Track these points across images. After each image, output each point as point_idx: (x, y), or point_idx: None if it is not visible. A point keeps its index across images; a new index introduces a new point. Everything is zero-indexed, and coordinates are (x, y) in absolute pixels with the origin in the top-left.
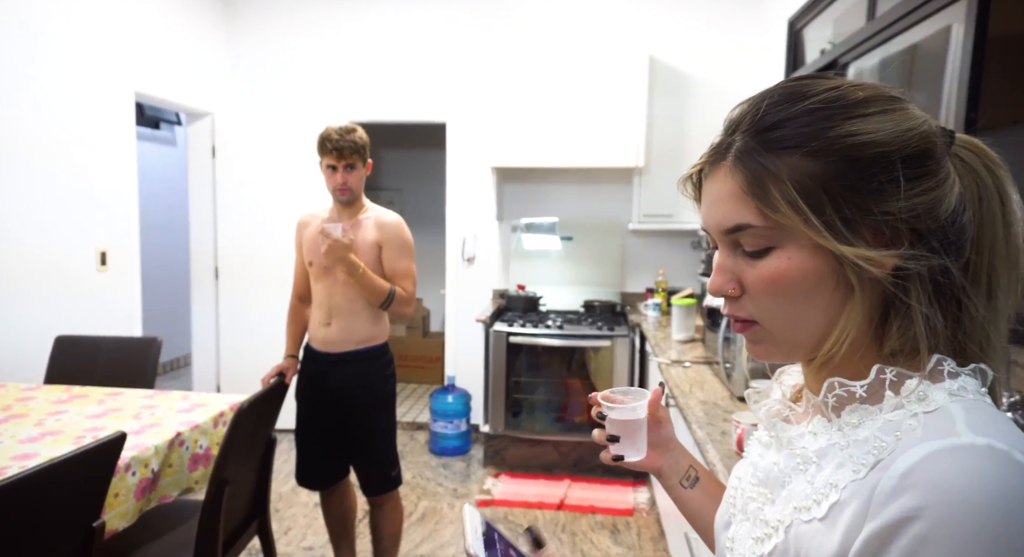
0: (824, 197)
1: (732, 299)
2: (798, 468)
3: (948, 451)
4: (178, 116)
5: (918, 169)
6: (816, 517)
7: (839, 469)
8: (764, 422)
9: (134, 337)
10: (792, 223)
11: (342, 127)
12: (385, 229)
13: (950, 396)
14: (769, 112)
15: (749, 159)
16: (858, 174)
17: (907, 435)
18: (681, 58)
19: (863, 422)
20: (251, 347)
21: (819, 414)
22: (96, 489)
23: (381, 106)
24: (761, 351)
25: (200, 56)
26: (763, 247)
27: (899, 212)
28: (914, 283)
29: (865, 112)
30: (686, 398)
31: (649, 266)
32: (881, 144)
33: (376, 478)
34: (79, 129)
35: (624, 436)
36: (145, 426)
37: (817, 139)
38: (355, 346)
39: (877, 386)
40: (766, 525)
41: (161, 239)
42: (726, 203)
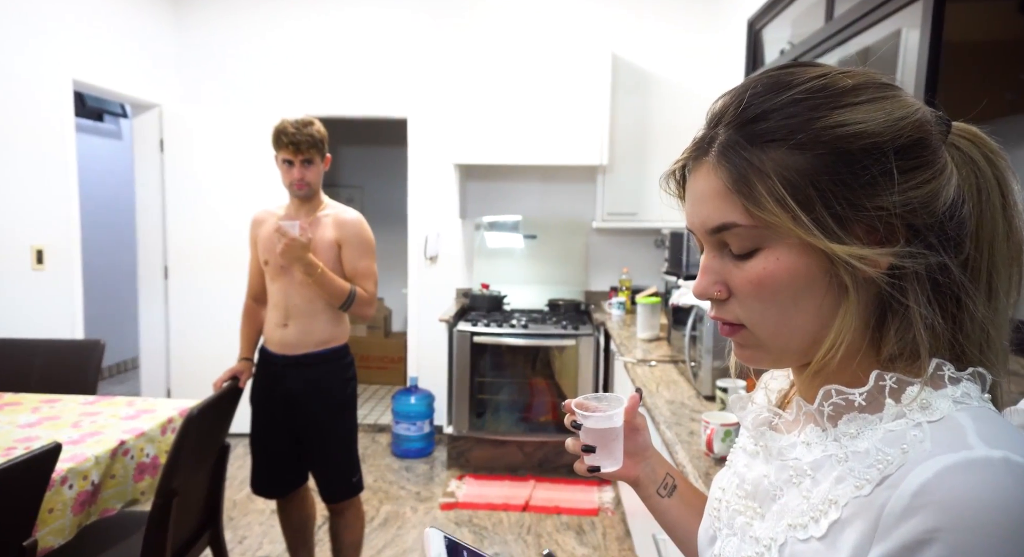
0: (813, 193)
1: (719, 302)
2: (791, 481)
3: (963, 466)
4: (123, 108)
5: (912, 160)
6: (814, 536)
7: (839, 484)
8: (751, 430)
9: (74, 340)
10: (780, 221)
11: (298, 120)
12: (345, 227)
13: (954, 404)
14: (753, 103)
15: (733, 154)
16: (848, 167)
17: (914, 448)
18: (644, 56)
19: (862, 432)
20: (203, 349)
21: (812, 423)
22: (27, 505)
23: (340, 100)
24: (749, 356)
25: (145, 44)
26: (750, 248)
27: (893, 207)
28: (911, 282)
29: (854, 101)
30: (653, 398)
31: (613, 264)
32: (872, 134)
33: (336, 484)
34: (9, 117)
35: (600, 446)
36: (85, 435)
37: (804, 131)
38: (313, 348)
39: (876, 393)
40: (757, 543)
41: (106, 237)
42: (710, 201)
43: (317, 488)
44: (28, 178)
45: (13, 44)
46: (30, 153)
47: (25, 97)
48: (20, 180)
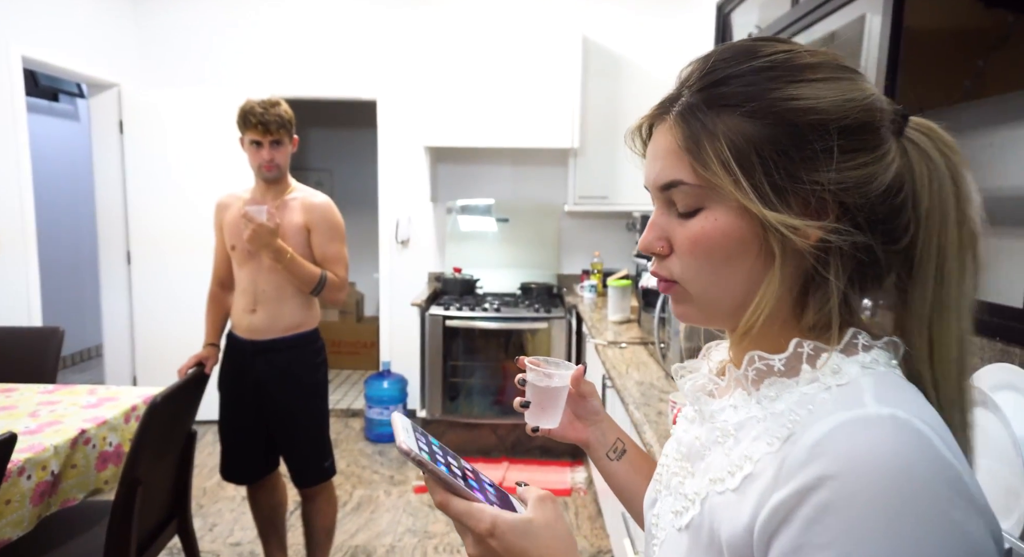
0: (756, 159)
1: (660, 258)
2: (717, 441)
3: (854, 421)
4: (80, 88)
5: (854, 141)
6: (729, 488)
7: (755, 442)
8: (689, 397)
9: (31, 327)
10: (721, 183)
11: (265, 100)
12: (313, 212)
13: (862, 369)
14: (717, 68)
15: (690, 115)
16: (792, 140)
17: (819, 408)
18: (614, 39)
19: (780, 395)
20: (170, 336)
21: (740, 388)
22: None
23: (307, 81)
24: (682, 312)
25: (102, 21)
26: (693, 206)
27: (828, 183)
28: (835, 258)
29: (811, 77)
30: (623, 379)
31: (585, 248)
32: (820, 111)
33: (308, 470)
34: None
35: (536, 402)
36: (43, 425)
37: (757, 100)
38: (282, 333)
39: (795, 359)
40: (684, 498)
41: (65, 221)
42: (663, 158)
43: (289, 473)
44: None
45: None
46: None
47: None
48: None
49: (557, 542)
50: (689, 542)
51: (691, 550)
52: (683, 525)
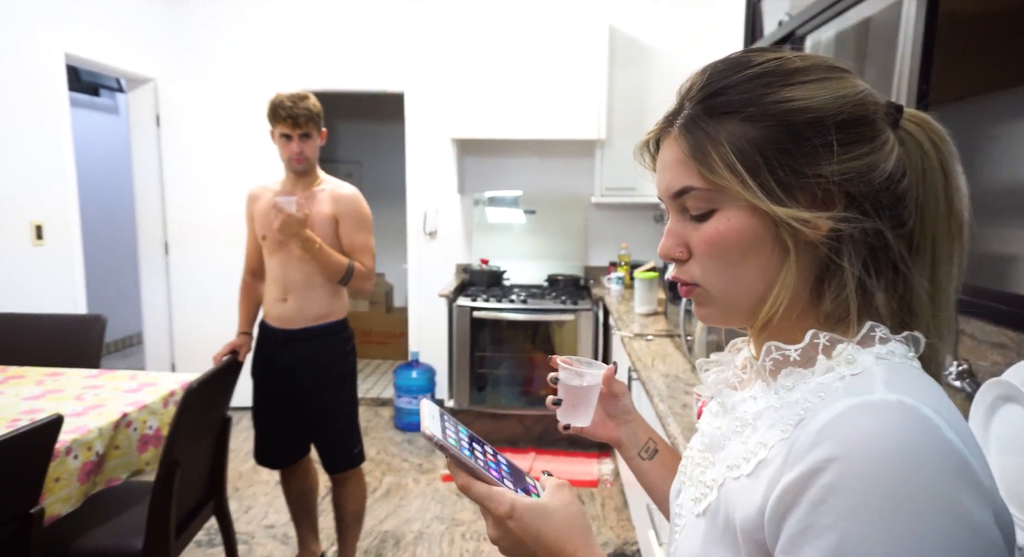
0: (759, 160)
1: (679, 263)
2: (736, 431)
3: (860, 406)
4: (119, 82)
5: (851, 134)
6: (744, 474)
7: (770, 429)
8: (712, 389)
9: (76, 315)
10: (730, 185)
11: (294, 94)
12: (341, 202)
13: (877, 359)
14: (714, 80)
15: (693, 126)
16: (792, 138)
17: (830, 395)
18: (642, 29)
19: (796, 385)
20: (206, 324)
21: (760, 379)
22: (32, 474)
23: (336, 74)
24: (704, 314)
25: (139, 18)
26: (706, 209)
27: (832, 175)
28: (847, 245)
29: (803, 80)
30: (648, 371)
31: (612, 240)
32: (815, 110)
33: (338, 456)
34: (4, 93)
35: (567, 401)
36: (88, 407)
37: (755, 104)
38: (312, 322)
39: (811, 350)
40: (703, 485)
41: (106, 212)
42: (672, 168)
43: (319, 459)
44: (24, 153)
45: (2, 17)
46: (25, 127)
47: (17, 71)
48: (16, 155)
49: (570, 523)
50: (706, 527)
51: (708, 534)
52: (700, 511)
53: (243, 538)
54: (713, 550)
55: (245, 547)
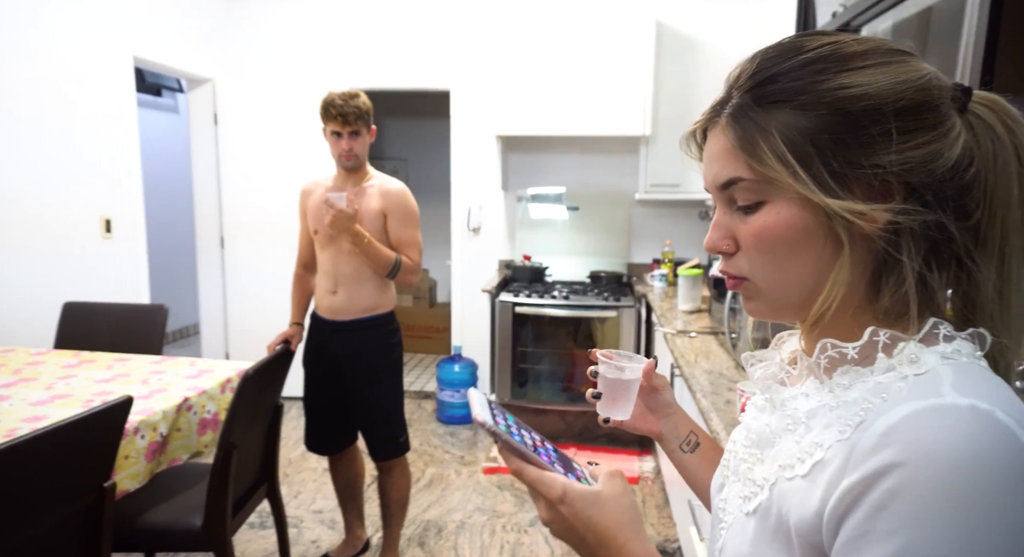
0: (812, 150)
1: (726, 256)
2: (787, 429)
3: (929, 411)
4: (179, 83)
5: (912, 122)
6: (799, 474)
7: (826, 429)
8: (759, 385)
9: (141, 304)
10: (780, 176)
11: (345, 92)
12: (390, 198)
13: (942, 359)
14: (764, 67)
15: (741, 115)
16: (848, 127)
17: (893, 396)
18: (689, 23)
19: (854, 384)
20: (259, 315)
21: (812, 376)
22: (105, 451)
23: (385, 73)
24: (752, 308)
25: (199, 21)
26: (754, 201)
27: (890, 165)
28: (906, 239)
29: (860, 65)
30: (691, 368)
31: (656, 237)
32: (873, 96)
33: (384, 444)
34: (79, 95)
35: (607, 394)
36: (153, 391)
37: (807, 92)
38: (360, 314)
39: (869, 348)
40: (753, 483)
41: (165, 207)
42: (720, 159)
43: (366, 447)
44: (96, 151)
45: (78, 23)
46: (97, 128)
47: (90, 74)
48: (89, 153)
49: (622, 513)
50: (757, 526)
51: (758, 534)
52: (751, 510)
53: (292, 522)
54: (764, 550)
55: (295, 530)
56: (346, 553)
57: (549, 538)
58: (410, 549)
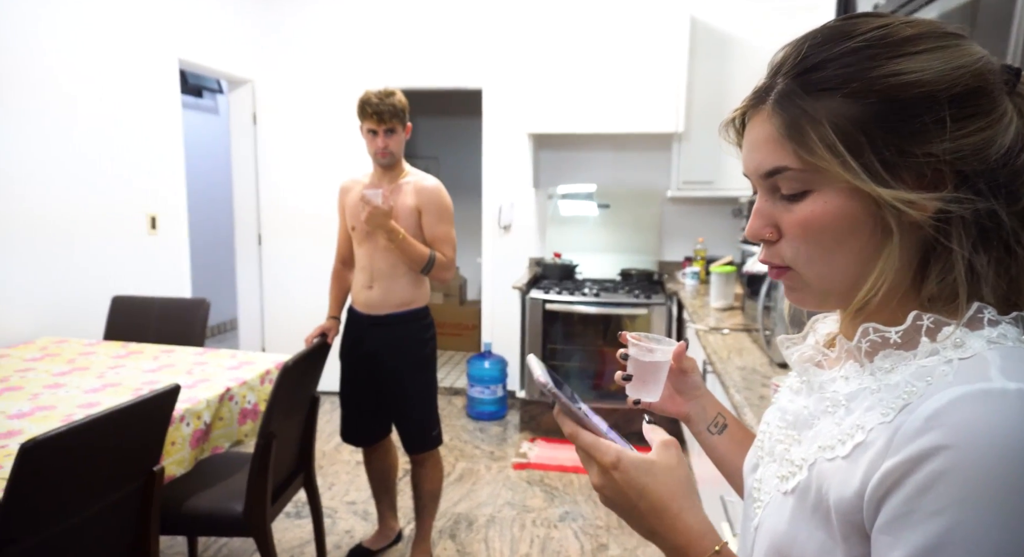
0: (863, 139)
1: (768, 244)
2: (826, 411)
3: (977, 395)
4: (219, 84)
5: (967, 108)
6: (839, 455)
7: (868, 412)
8: (796, 367)
9: (185, 298)
10: (829, 166)
11: (381, 91)
12: (424, 194)
13: (988, 343)
14: (811, 53)
15: (788, 102)
16: (900, 115)
17: (938, 380)
18: (724, 18)
19: (896, 367)
20: (294, 310)
21: (852, 359)
22: (155, 436)
23: (418, 72)
24: (797, 298)
25: (240, 23)
26: (800, 190)
27: (943, 153)
28: (956, 227)
29: (913, 50)
30: (724, 364)
31: (688, 234)
32: (926, 83)
33: (417, 437)
34: (128, 97)
35: (637, 376)
36: (197, 381)
37: (858, 80)
38: (395, 309)
39: (913, 332)
40: (791, 464)
41: (206, 205)
42: (764, 147)
43: (400, 439)
44: (143, 151)
45: (128, 29)
46: (144, 128)
47: (138, 77)
48: (137, 152)
49: (676, 484)
50: (795, 504)
51: (796, 512)
52: (788, 489)
53: (326, 512)
54: (802, 527)
55: (329, 521)
56: (379, 543)
57: (579, 533)
58: (441, 541)
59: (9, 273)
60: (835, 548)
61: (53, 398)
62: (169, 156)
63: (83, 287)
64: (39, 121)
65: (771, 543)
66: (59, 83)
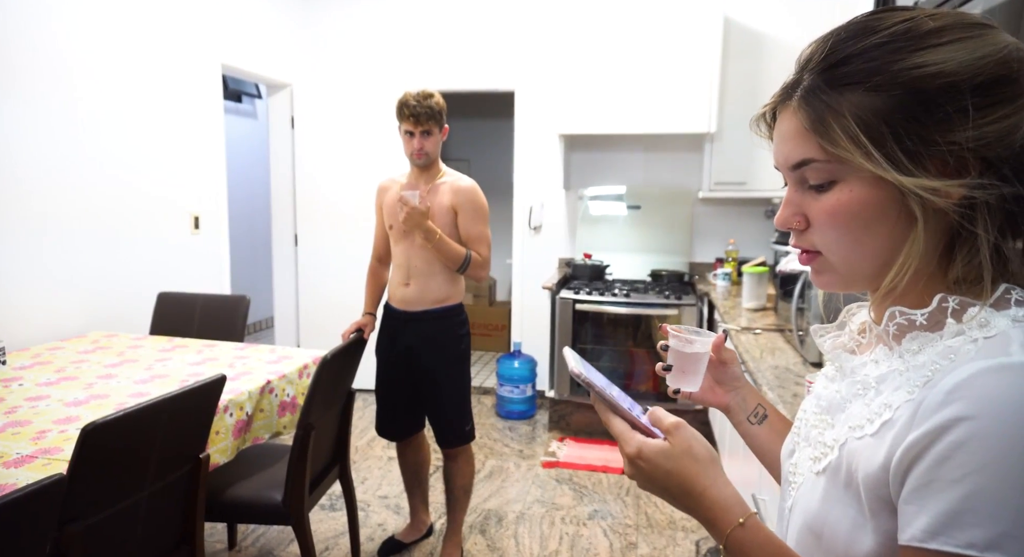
0: (885, 130)
1: (798, 232)
2: (857, 394)
3: (997, 368)
4: (258, 89)
5: (990, 96)
6: (868, 433)
7: (895, 391)
8: (828, 354)
9: (226, 295)
10: (852, 157)
11: (419, 92)
12: (461, 194)
13: (1013, 322)
14: (837, 49)
15: (813, 97)
16: (923, 106)
17: (962, 358)
18: (758, 17)
19: (923, 348)
20: (329, 309)
21: (881, 343)
22: (202, 423)
23: (452, 75)
24: (823, 281)
25: (280, 28)
26: (826, 180)
27: (966, 141)
28: (982, 212)
29: (936, 42)
30: (757, 363)
31: (719, 235)
32: (949, 74)
33: (450, 432)
34: (173, 102)
35: (677, 367)
36: (239, 374)
37: (881, 73)
38: (431, 305)
39: (939, 314)
40: (824, 445)
41: (244, 207)
42: (791, 140)
43: (433, 434)
44: (188, 153)
45: (173, 36)
46: (188, 133)
47: (183, 83)
48: (182, 155)
49: (695, 464)
50: (827, 483)
51: (828, 491)
52: (820, 469)
53: (360, 506)
54: (835, 505)
55: (362, 514)
56: (411, 536)
57: (608, 531)
58: (472, 536)
59: (62, 270)
60: (865, 524)
61: (106, 387)
62: (211, 159)
63: (131, 284)
64: (92, 128)
65: (804, 522)
66: (110, 90)
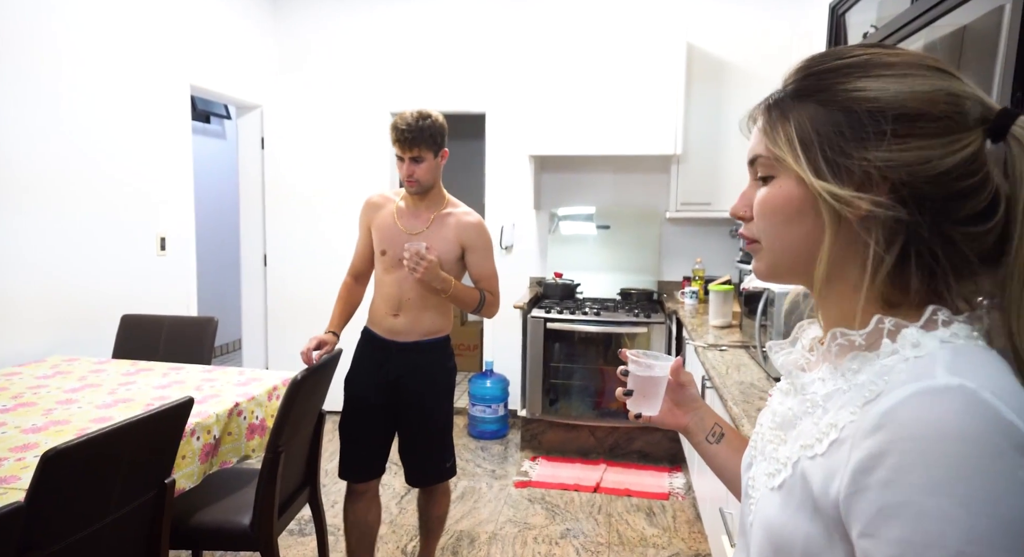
0: (815, 138)
1: (745, 221)
2: (807, 411)
3: (922, 392)
4: (227, 110)
5: (909, 127)
6: (818, 453)
7: (840, 410)
8: (783, 370)
9: (193, 317)
10: (784, 156)
11: (413, 113)
12: (470, 230)
13: (940, 343)
14: (809, 66)
15: (774, 104)
16: (850, 123)
17: (894, 378)
18: (719, 45)
19: (863, 368)
20: (298, 331)
21: (828, 362)
22: (167, 448)
23: (424, 97)
24: (756, 268)
25: (249, 49)
26: (767, 175)
27: (875, 159)
28: (876, 228)
29: (883, 73)
30: (723, 379)
31: (686, 254)
32: (879, 101)
33: (431, 467)
34: (140, 121)
35: (638, 391)
36: (206, 397)
37: (829, 91)
38: (421, 337)
39: (876, 335)
40: (777, 462)
41: (212, 227)
42: (754, 138)
43: (405, 473)
44: (154, 174)
45: (141, 56)
46: (156, 153)
47: (151, 103)
48: (149, 175)
49: None
50: (782, 500)
51: (784, 507)
52: (776, 485)
53: (330, 530)
54: (790, 521)
55: (332, 538)
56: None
57: (581, 550)
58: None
59: (20, 292)
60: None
61: (66, 413)
62: (179, 180)
63: (93, 306)
64: (53, 143)
65: (764, 536)
66: (74, 109)
